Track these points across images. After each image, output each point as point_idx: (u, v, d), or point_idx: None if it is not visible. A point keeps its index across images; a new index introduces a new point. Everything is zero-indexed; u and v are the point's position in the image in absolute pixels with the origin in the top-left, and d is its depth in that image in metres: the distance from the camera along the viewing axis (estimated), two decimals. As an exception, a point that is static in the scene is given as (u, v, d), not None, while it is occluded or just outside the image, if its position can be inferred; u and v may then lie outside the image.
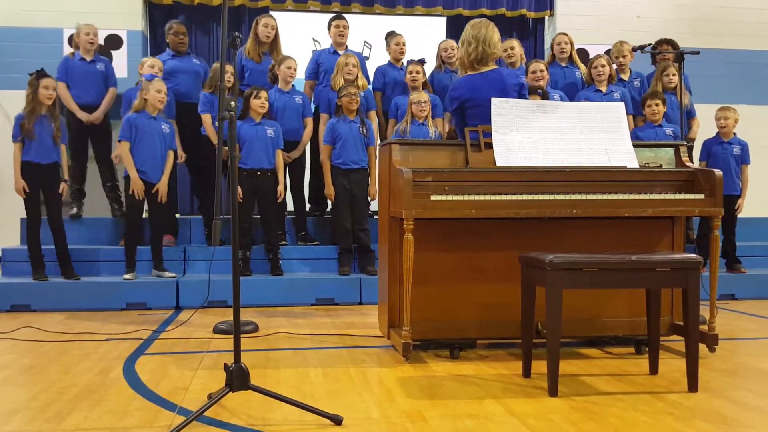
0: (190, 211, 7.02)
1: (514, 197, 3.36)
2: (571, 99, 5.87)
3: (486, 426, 2.46)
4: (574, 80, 6.24)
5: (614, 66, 6.28)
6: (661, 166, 3.70)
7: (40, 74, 5.20)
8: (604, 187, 3.49)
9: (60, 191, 5.33)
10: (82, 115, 5.78)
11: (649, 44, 4.80)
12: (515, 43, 6.21)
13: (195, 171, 6.19)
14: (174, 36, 6.13)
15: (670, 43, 6.08)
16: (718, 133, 5.85)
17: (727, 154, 5.79)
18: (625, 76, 6.31)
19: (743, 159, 5.82)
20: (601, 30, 7.92)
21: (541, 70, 5.76)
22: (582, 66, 6.30)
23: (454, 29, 8.00)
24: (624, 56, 6.22)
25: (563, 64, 6.31)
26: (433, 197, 3.32)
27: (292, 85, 5.93)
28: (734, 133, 5.84)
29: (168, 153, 5.41)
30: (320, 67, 6.20)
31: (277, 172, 5.55)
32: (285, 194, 5.67)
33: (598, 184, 3.49)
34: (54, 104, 5.24)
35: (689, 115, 6.09)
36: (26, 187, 5.15)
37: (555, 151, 3.59)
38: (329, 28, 6.30)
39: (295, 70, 5.88)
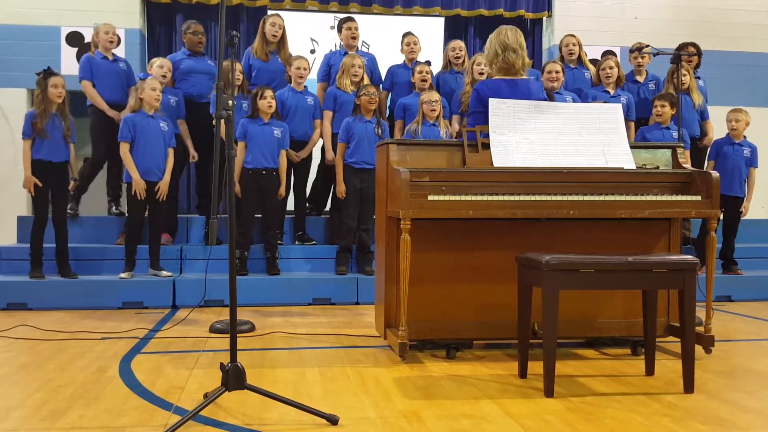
0: (187, 210, 7.02)
1: (511, 198, 3.36)
2: (581, 100, 5.84)
3: (482, 426, 2.46)
4: (583, 82, 6.21)
5: (631, 67, 6.29)
6: (658, 167, 3.71)
7: (48, 73, 5.15)
8: (602, 188, 3.49)
9: (70, 189, 5.36)
10: (113, 113, 5.70)
11: (647, 45, 4.79)
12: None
13: (205, 171, 6.11)
14: (192, 35, 6.04)
15: (695, 46, 6.06)
16: (728, 135, 5.86)
17: (737, 156, 5.80)
18: (641, 78, 6.30)
19: (752, 162, 5.84)
20: (600, 31, 7.93)
21: (557, 71, 5.72)
22: (591, 67, 6.27)
23: (452, 29, 8.02)
24: (642, 57, 6.20)
25: (572, 66, 6.28)
26: (430, 197, 3.32)
27: (305, 86, 5.93)
28: (744, 136, 5.86)
29: (168, 151, 5.39)
30: (332, 69, 6.17)
31: (281, 172, 5.54)
32: (286, 195, 5.65)
33: (595, 185, 3.50)
34: (64, 102, 5.21)
35: (702, 117, 6.10)
36: (38, 183, 5.11)
37: (552, 152, 3.59)
38: (340, 30, 6.28)
39: (305, 69, 5.88)
